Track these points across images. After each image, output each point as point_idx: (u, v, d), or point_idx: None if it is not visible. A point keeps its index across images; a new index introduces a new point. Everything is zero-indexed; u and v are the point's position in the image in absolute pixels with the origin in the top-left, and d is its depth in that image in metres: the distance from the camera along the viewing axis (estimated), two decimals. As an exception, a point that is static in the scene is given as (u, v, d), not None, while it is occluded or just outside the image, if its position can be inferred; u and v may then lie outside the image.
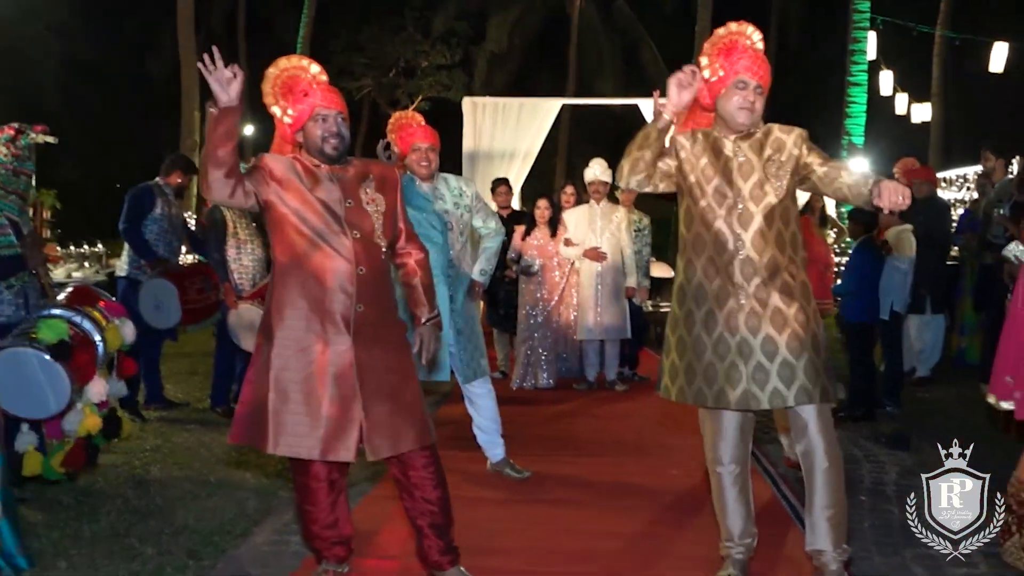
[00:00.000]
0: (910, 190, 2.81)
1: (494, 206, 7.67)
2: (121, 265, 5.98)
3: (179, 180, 6.05)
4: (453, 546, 3.07)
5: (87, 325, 4.10)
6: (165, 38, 19.36)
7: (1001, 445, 4.25)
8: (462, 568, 3.06)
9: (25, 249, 4.13)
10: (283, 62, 3.03)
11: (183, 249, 6.42)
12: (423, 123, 4.42)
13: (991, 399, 3.50)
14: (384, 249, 2.94)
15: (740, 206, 2.95)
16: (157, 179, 5.98)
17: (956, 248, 7.76)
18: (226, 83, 2.70)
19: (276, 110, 3.01)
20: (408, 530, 3.61)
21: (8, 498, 3.34)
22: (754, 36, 3.09)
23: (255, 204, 2.85)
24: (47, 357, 3.78)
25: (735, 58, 2.99)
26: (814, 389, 2.90)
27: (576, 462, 4.86)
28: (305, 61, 3.05)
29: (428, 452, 2.98)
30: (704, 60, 3.07)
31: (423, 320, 3.06)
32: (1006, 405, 3.43)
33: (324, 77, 3.01)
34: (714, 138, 3.04)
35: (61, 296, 4.35)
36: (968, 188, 10.91)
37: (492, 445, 4.57)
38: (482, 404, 4.53)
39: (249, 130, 22.42)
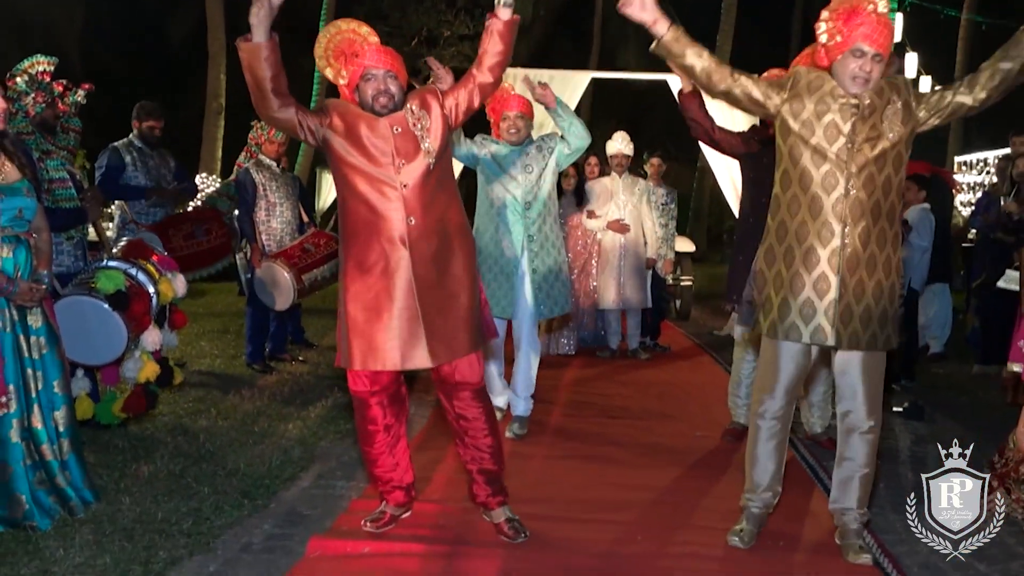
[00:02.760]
0: None
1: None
2: (111, 227, 5.97)
3: (153, 130, 5.74)
4: (502, 489, 3.30)
5: (142, 277, 4.27)
6: (189, 2, 19.41)
7: (1012, 419, 4.40)
8: (508, 507, 3.28)
9: (85, 202, 4.33)
10: (333, 27, 3.18)
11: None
12: (513, 91, 4.57)
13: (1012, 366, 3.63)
14: (431, 163, 3.05)
15: (855, 146, 2.93)
16: (130, 136, 5.73)
17: (973, 231, 7.90)
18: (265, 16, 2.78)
19: (329, 72, 3.18)
20: (449, 475, 3.85)
21: (75, 436, 3.55)
22: (879, 1, 3.00)
23: (314, 140, 3.05)
24: (106, 306, 3.96)
25: (855, 23, 2.92)
26: (881, 335, 3.01)
27: (605, 423, 5.05)
28: (355, 23, 3.19)
29: (479, 397, 3.19)
30: (823, 25, 3.02)
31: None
32: (1016, 367, 3.61)
33: (375, 38, 3.16)
34: (834, 84, 2.99)
35: (116, 249, 4.54)
36: (988, 172, 10.98)
37: (516, 400, 4.72)
38: (525, 354, 4.65)
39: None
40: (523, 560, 3.06)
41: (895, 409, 5.23)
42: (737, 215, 5.05)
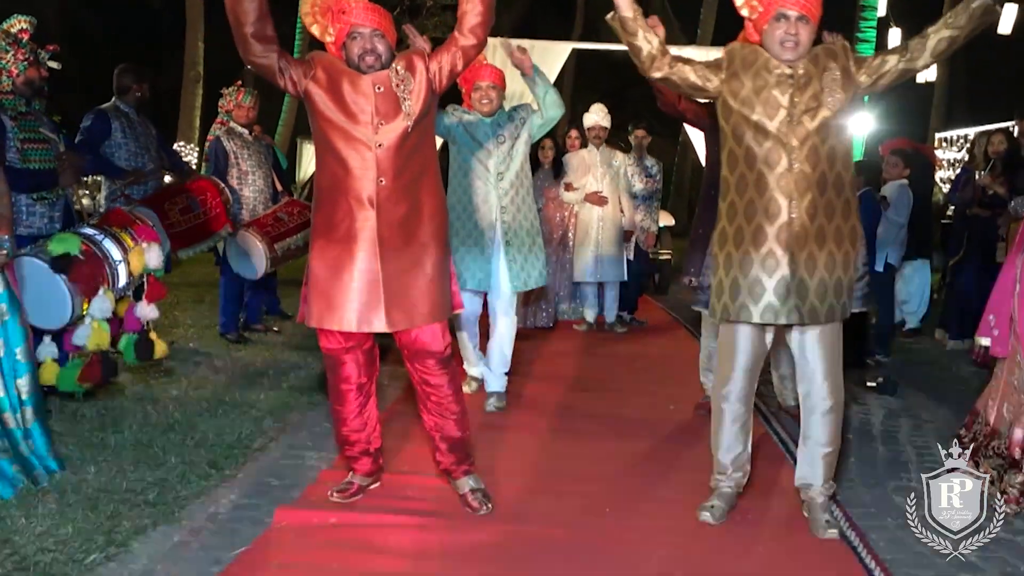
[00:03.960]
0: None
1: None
2: (100, 200, 5.70)
3: (137, 93, 5.45)
4: (467, 458, 3.28)
5: (108, 244, 4.16)
6: (168, -34, 19.06)
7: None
8: (474, 476, 3.27)
9: (60, 166, 4.22)
10: None
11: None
12: (485, 61, 4.50)
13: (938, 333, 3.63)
14: (409, 126, 3.00)
15: (795, 118, 2.91)
16: (114, 100, 5.44)
17: (952, 207, 7.93)
18: None
19: (315, 29, 3.10)
20: (419, 446, 3.83)
21: (39, 404, 3.50)
22: None
23: (295, 90, 3.00)
24: (45, 267, 3.82)
25: None
26: (837, 305, 3.00)
27: (578, 396, 5.05)
28: None
29: (443, 364, 3.15)
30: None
31: None
32: (983, 341, 3.62)
33: None
34: (767, 56, 2.98)
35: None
36: (968, 148, 11.01)
37: (491, 377, 4.69)
38: (502, 335, 4.63)
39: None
40: (491, 532, 3.05)
41: (869, 384, 5.26)
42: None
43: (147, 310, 4.34)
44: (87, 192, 6.05)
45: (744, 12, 3.03)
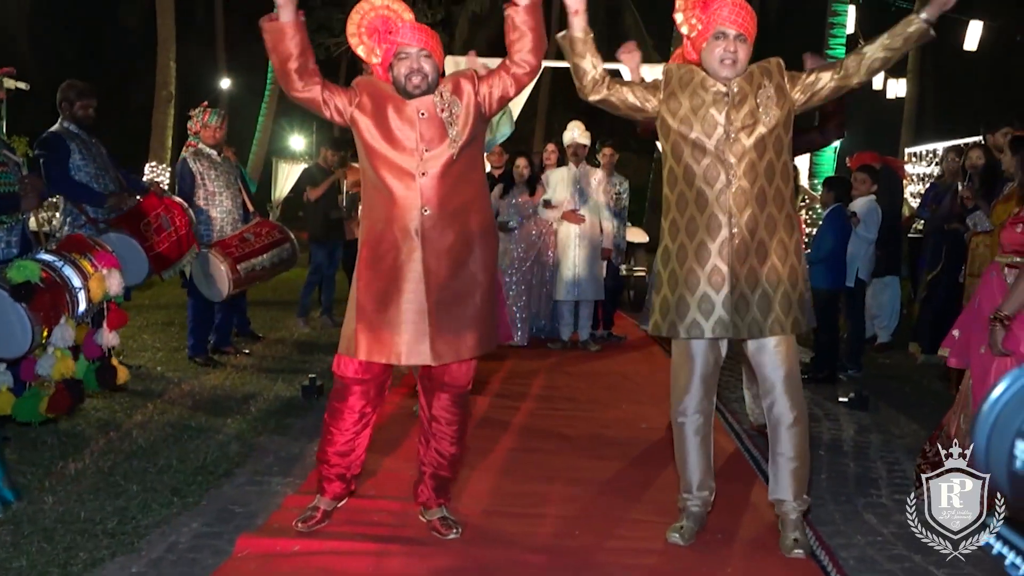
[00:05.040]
0: None
1: (487, 166, 7.74)
2: (56, 226, 5.31)
3: (88, 111, 5.21)
4: (446, 492, 3.25)
5: (68, 271, 4.09)
6: (140, -13, 19.02)
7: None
8: (446, 508, 3.22)
9: (22, 190, 4.13)
10: (367, 4, 3.05)
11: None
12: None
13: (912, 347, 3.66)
14: (455, 153, 2.93)
15: (731, 135, 2.93)
16: (61, 122, 5.17)
17: (922, 221, 7.99)
18: None
19: (361, 50, 3.06)
20: (386, 471, 3.77)
21: (-4, 434, 3.42)
22: None
23: (341, 119, 2.97)
24: (7, 295, 3.74)
25: (713, 8, 2.96)
26: (786, 320, 2.99)
27: (551, 415, 5.01)
28: (390, 1, 3.08)
29: (459, 404, 3.13)
30: (679, 16, 3.05)
31: None
32: (944, 352, 3.64)
33: (409, 15, 3.05)
34: (703, 75, 3.01)
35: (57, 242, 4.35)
36: (937, 163, 11.12)
37: None
38: None
39: (225, 83, 22.15)
40: (458, 557, 2.99)
41: (840, 399, 5.26)
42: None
43: (108, 337, 4.26)
44: (47, 216, 5.85)
45: (684, 30, 3.08)
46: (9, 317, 3.77)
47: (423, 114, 2.93)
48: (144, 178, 8.16)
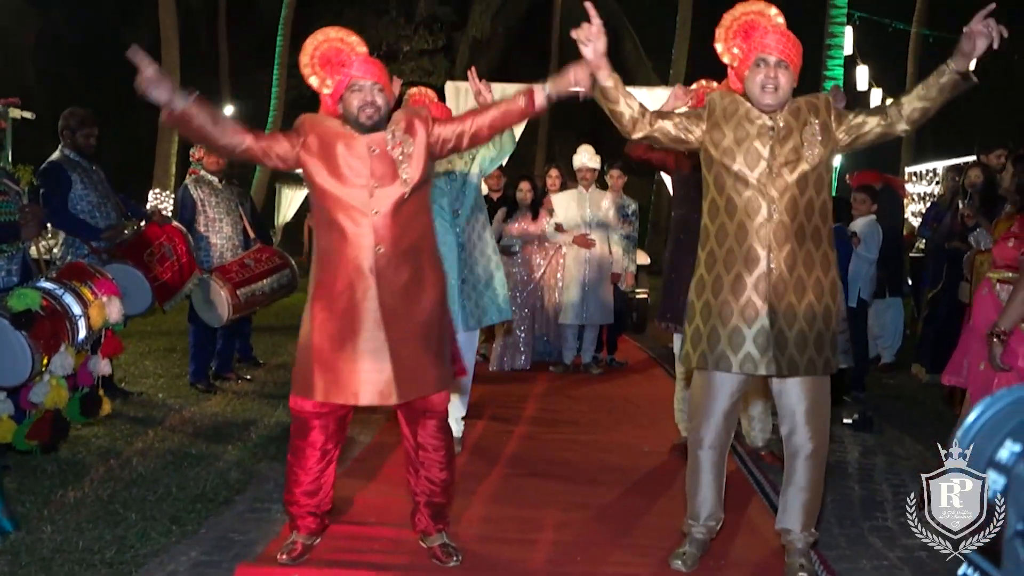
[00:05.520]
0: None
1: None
2: (57, 254, 5.27)
3: (89, 139, 5.20)
4: (445, 518, 3.22)
5: (68, 299, 4.10)
6: (145, 15, 19.18)
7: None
8: (446, 534, 3.19)
9: (23, 219, 4.15)
10: (321, 34, 3.07)
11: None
12: (435, 99, 4.46)
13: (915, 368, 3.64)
14: (406, 192, 2.91)
15: (774, 170, 2.91)
16: (62, 150, 5.16)
17: (923, 240, 7.99)
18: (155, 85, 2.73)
19: (314, 80, 3.06)
20: (387, 498, 3.75)
21: (-7, 463, 3.41)
22: (771, 12, 3.03)
23: (286, 165, 2.96)
24: (8, 324, 3.77)
25: (754, 37, 2.96)
26: (819, 359, 2.95)
27: (551, 439, 4.97)
28: (344, 32, 3.08)
29: (443, 430, 3.11)
30: (719, 46, 3.04)
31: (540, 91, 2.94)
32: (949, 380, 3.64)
33: (363, 48, 3.06)
34: (748, 106, 2.99)
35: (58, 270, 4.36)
36: (937, 182, 11.13)
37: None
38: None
39: (229, 110, 22.30)
40: (458, 584, 2.97)
41: (845, 421, 5.23)
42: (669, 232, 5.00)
43: (101, 365, 4.24)
44: (47, 244, 5.82)
45: (725, 59, 3.08)
46: (10, 345, 3.78)
47: (375, 150, 2.91)
48: (148, 205, 8.19)
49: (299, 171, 2.99)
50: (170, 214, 6.27)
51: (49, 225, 5.17)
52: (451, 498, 3.24)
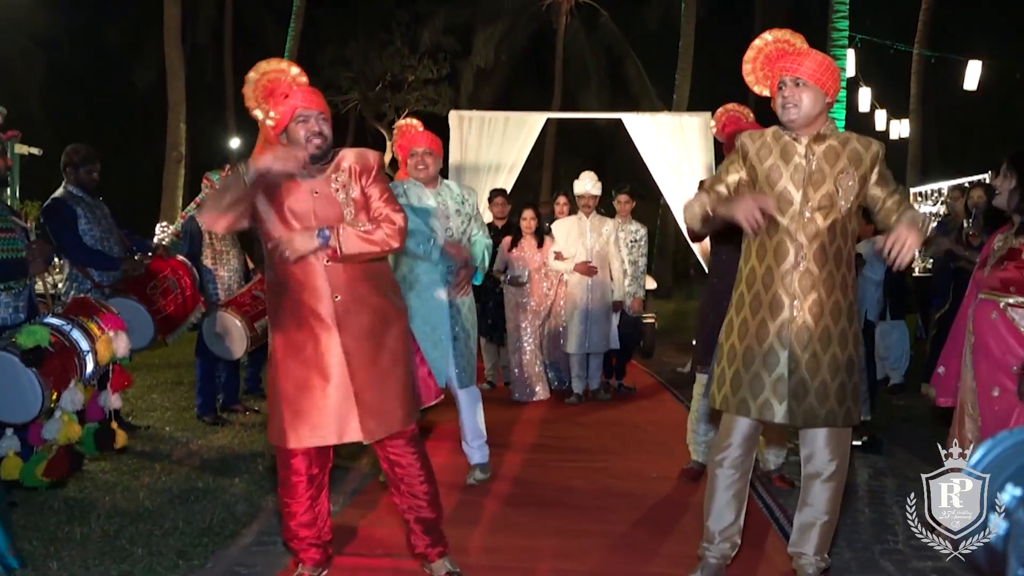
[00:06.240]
0: (911, 255, 2.77)
1: (489, 216, 7.73)
2: (61, 289, 5.30)
3: (92, 175, 5.22)
4: (441, 539, 3.18)
5: (76, 335, 4.12)
6: (151, 49, 19.42)
7: (969, 449, 4.38)
8: (449, 559, 3.17)
9: (29, 255, 4.18)
10: (263, 66, 3.09)
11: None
12: (421, 128, 4.48)
13: (924, 388, 3.63)
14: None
15: (806, 215, 2.90)
16: (65, 187, 5.18)
17: (931, 260, 7.97)
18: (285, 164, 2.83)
19: (258, 113, 3.08)
20: (391, 527, 3.73)
21: (0, 500, 3.40)
22: (793, 39, 3.05)
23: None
24: (18, 361, 3.79)
25: (777, 64, 3.01)
26: (839, 410, 2.92)
27: (561, 467, 4.95)
28: (284, 64, 3.11)
29: (413, 443, 3.08)
30: (749, 79, 3.08)
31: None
32: (931, 391, 3.60)
33: (304, 79, 3.07)
34: (786, 141, 2.97)
35: (64, 306, 4.38)
36: (943, 202, 11.12)
37: (470, 451, 4.61)
38: (467, 412, 4.56)
39: (235, 143, 22.48)
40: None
41: (854, 443, 5.16)
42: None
43: (111, 399, 4.25)
44: (52, 280, 5.82)
45: (756, 90, 3.12)
46: (19, 382, 3.79)
47: (316, 193, 2.92)
48: (155, 238, 8.20)
49: None
50: (169, 244, 6.26)
51: (57, 260, 5.20)
52: (440, 512, 3.19)
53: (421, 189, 4.36)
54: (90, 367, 4.14)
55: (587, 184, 6.89)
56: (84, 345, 4.10)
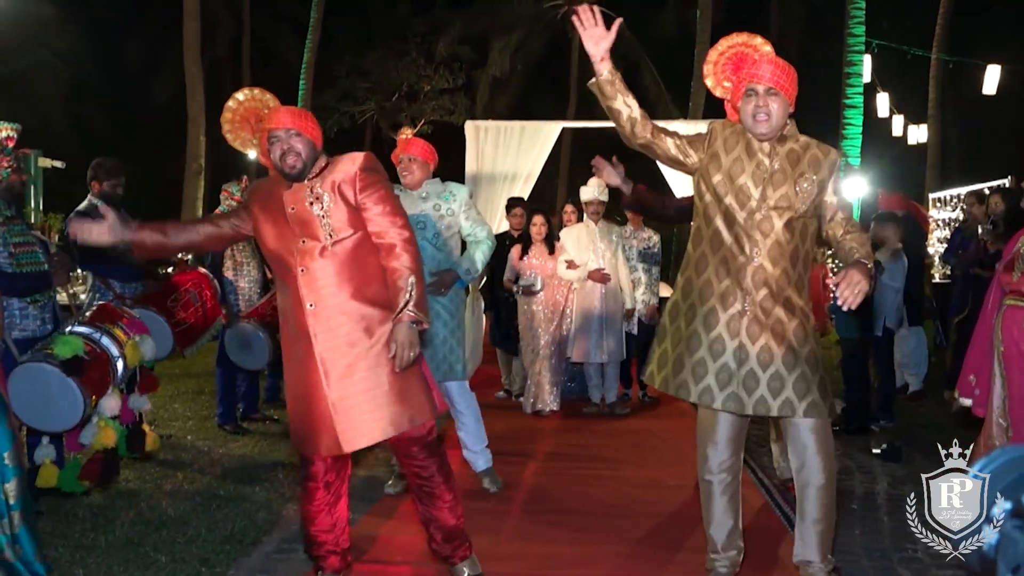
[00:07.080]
0: (861, 298, 2.77)
1: (506, 226, 7.72)
2: (84, 300, 5.36)
3: (116, 188, 5.21)
4: (465, 542, 3.22)
5: (105, 341, 4.19)
6: (171, 63, 19.64)
7: (989, 456, 4.36)
8: (472, 561, 3.22)
9: (52, 267, 4.27)
10: (233, 100, 3.16)
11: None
12: (410, 136, 4.54)
13: (955, 395, 3.62)
14: (330, 246, 2.93)
15: (763, 212, 2.92)
16: (90, 200, 5.19)
17: (949, 267, 7.95)
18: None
19: (238, 144, 3.20)
20: (414, 535, 3.76)
21: (28, 508, 3.45)
22: (756, 42, 3.07)
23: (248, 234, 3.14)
24: (60, 371, 3.88)
25: (744, 68, 3.00)
26: (799, 403, 2.93)
27: (578, 475, 4.97)
28: (257, 91, 3.20)
29: (433, 451, 3.11)
30: (709, 81, 3.10)
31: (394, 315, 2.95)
32: (965, 402, 3.58)
33: (275, 102, 3.15)
34: (749, 138, 2.99)
35: (88, 314, 4.47)
36: (962, 208, 11.05)
37: (474, 457, 4.63)
38: (462, 413, 4.57)
39: (253, 155, 22.68)
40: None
41: (873, 451, 5.18)
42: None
43: (140, 401, 4.34)
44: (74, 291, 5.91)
45: (717, 93, 3.14)
46: (59, 392, 3.88)
47: (292, 209, 2.96)
48: (175, 250, 8.32)
49: None
50: (189, 258, 6.36)
51: (79, 272, 5.28)
52: (460, 519, 3.21)
53: (411, 197, 4.39)
54: (120, 372, 4.23)
55: (594, 190, 6.77)
56: (115, 351, 4.19)
